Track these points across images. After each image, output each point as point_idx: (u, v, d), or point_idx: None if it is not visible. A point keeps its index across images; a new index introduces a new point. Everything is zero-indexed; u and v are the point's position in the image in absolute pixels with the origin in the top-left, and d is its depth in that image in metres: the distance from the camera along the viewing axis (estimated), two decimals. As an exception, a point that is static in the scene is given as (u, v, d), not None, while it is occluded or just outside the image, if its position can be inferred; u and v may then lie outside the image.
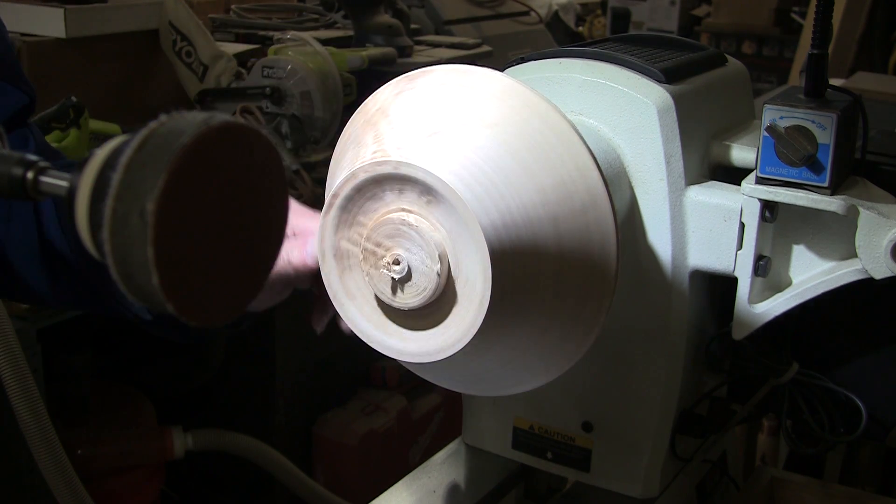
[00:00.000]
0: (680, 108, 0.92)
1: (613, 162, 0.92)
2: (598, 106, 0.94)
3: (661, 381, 0.98)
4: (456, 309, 0.73)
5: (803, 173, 0.85)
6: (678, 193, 0.93)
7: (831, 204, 0.85)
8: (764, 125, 0.85)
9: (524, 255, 0.72)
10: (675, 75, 0.95)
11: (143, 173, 0.55)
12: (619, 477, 1.02)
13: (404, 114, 0.75)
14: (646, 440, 1.00)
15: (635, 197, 0.94)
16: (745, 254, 0.92)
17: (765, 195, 0.88)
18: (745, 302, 0.93)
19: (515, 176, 0.72)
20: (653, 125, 0.92)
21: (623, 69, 0.94)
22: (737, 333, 0.94)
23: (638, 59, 0.96)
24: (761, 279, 0.93)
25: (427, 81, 0.77)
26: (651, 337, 0.98)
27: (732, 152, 0.98)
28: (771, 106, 0.85)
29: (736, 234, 0.92)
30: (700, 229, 0.93)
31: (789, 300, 0.91)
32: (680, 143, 0.92)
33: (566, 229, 0.74)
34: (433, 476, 1.10)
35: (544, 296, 0.73)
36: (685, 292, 0.95)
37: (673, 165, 0.92)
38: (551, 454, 1.05)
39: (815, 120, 0.83)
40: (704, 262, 0.94)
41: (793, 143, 0.84)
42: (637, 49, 1.02)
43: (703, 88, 0.98)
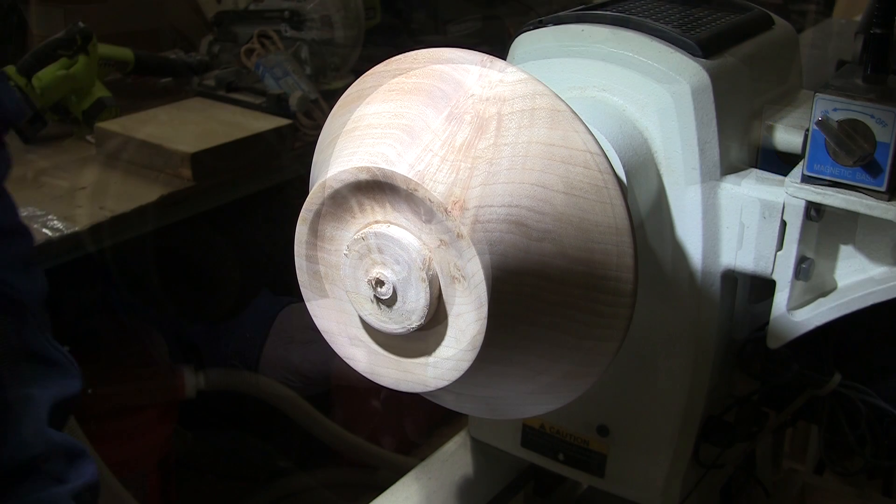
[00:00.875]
0: (718, 88, 0.81)
1: (639, 148, 0.81)
2: (623, 82, 0.82)
3: (686, 387, 0.89)
4: (445, 340, 0.63)
5: (857, 174, 0.74)
6: (712, 184, 0.82)
7: (888, 212, 0.74)
8: (814, 118, 0.74)
9: (525, 279, 0.62)
10: (713, 47, 0.83)
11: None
12: (636, 485, 0.94)
13: (383, 114, 0.64)
14: (667, 448, 0.91)
15: (663, 187, 0.83)
16: (785, 255, 0.81)
17: (811, 196, 0.77)
18: (784, 308, 0.82)
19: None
20: (686, 107, 0.80)
21: (654, 40, 0.83)
22: (772, 342, 0.84)
23: (671, 26, 0.84)
24: (802, 283, 0.82)
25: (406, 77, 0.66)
26: (677, 339, 0.88)
27: (776, 135, 0.86)
28: (824, 95, 0.73)
29: (776, 233, 0.81)
30: (735, 225, 0.83)
31: (833, 310, 0.81)
32: (717, 127, 0.81)
33: (572, 245, 0.63)
34: (441, 471, 1.03)
35: (545, 330, 0.64)
36: (716, 293, 0.85)
37: (708, 153, 0.81)
38: (563, 456, 0.96)
39: (874, 115, 0.72)
40: (739, 261, 0.83)
41: (847, 140, 0.72)
42: (670, 10, 0.90)
43: (745, 61, 0.86)
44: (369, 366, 0.67)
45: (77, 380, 0.88)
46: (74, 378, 0.88)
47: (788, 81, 0.94)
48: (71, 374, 0.88)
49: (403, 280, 0.62)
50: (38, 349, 0.86)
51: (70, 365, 0.88)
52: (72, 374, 0.88)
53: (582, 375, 0.67)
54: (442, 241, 0.60)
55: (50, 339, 0.88)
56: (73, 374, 0.88)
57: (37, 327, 0.87)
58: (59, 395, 0.85)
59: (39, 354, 0.86)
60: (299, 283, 0.68)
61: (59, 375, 0.87)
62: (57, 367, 0.87)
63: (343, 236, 0.64)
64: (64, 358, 0.88)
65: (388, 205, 0.62)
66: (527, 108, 0.63)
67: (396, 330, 0.64)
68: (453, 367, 0.63)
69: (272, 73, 2.06)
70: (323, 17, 2.14)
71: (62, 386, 0.86)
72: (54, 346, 0.88)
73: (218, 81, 2.08)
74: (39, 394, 0.84)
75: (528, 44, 0.87)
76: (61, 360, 0.88)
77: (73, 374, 0.88)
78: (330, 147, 0.65)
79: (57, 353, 0.88)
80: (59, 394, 0.85)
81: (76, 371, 0.89)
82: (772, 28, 0.94)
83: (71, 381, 0.87)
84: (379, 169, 0.60)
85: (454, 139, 0.61)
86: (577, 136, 0.63)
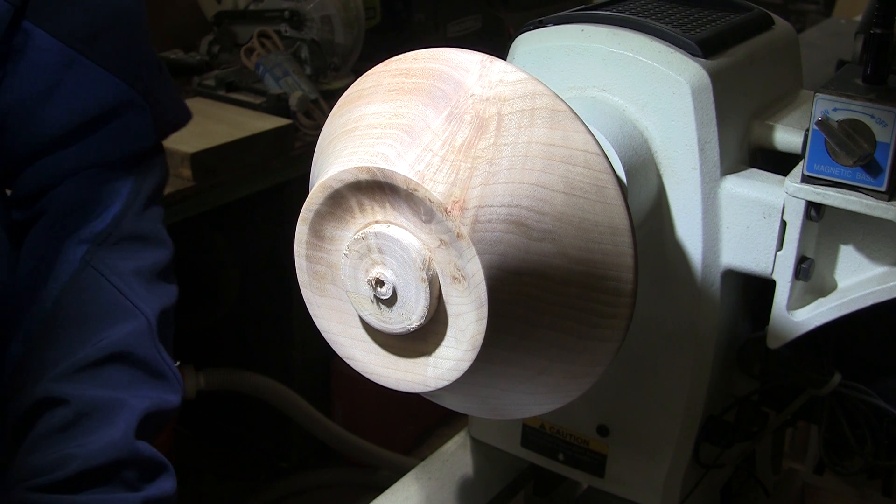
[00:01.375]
0: (718, 87, 0.81)
1: (639, 148, 0.81)
2: (623, 82, 0.82)
3: (686, 386, 0.89)
4: (445, 340, 0.63)
5: (857, 174, 0.74)
6: (712, 184, 0.82)
7: (888, 212, 0.74)
8: (814, 118, 0.74)
9: (524, 278, 0.62)
10: (713, 47, 0.83)
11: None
12: (636, 485, 0.94)
13: (383, 114, 0.64)
14: (667, 448, 0.91)
15: (664, 186, 0.83)
16: (785, 255, 0.81)
17: (811, 196, 0.77)
18: (784, 308, 0.82)
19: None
20: (686, 107, 0.80)
21: (654, 40, 0.83)
22: (772, 342, 0.84)
23: (671, 26, 0.84)
24: (802, 283, 0.82)
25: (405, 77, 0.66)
26: (677, 339, 0.88)
27: (776, 134, 0.86)
28: (824, 95, 0.73)
29: (776, 233, 0.81)
30: (735, 225, 0.83)
31: (833, 310, 0.81)
32: (717, 127, 0.81)
33: (572, 245, 0.63)
34: (441, 471, 1.03)
35: (546, 331, 0.63)
36: (716, 293, 0.85)
37: (707, 153, 0.81)
38: (563, 456, 0.96)
39: (874, 115, 0.72)
40: (739, 261, 0.83)
41: (847, 140, 0.72)
42: (670, 10, 0.90)
43: (745, 61, 0.86)
44: (369, 366, 0.67)
45: (177, 396, 0.87)
46: (175, 394, 0.87)
47: (788, 81, 0.94)
48: (173, 389, 0.87)
49: (403, 280, 0.62)
50: (146, 358, 0.86)
51: (174, 380, 0.87)
52: (173, 390, 0.87)
53: (582, 375, 0.67)
54: (442, 241, 0.60)
55: (162, 352, 0.87)
56: (175, 390, 0.87)
57: (151, 337, 0.86)
58: (154, 406, 0.84)
59: (147, 364, 0.86)
60: (299, 283, 0.68)
61: (159, 388, 0.86)
62: (161, 379, 0.86)
63: (343, 236, 0.64)
64: (170, 372, 0.87)
65: (388, 205, 0.62)
66: (527, 108, 0.63)
67: (396, 330, 0.64)
68: (453, 367, 0.63)
69: (272, 73, 2.06)
70: (323, 17, 2.14)
71: (160, 399, 0.85)
72: (164, 359, 0.87)
73: (218, 81, 2.08)
74: (136, 401, 0.83)
75: (528, 44, 0.87)
76: (167, 373, 0.87)
77: (175, 390, 0.87)
78: (330, 147, 0.65)
79: (165, 366, 0.87)
80: (154, 405, 0.84)
81: (179, 387, 0.88)
82: (772, 28, 0.94)
83: (171, 395, 0.87)
84: (379, 169, 0.60)
85: (454, 139, 0.61)
86: (577, 136, 0.63)
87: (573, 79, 0.84)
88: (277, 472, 2.31)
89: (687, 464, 0.92)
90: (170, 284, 0.93)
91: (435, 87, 0.64)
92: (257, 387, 2.09)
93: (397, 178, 0.60)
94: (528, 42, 0.87)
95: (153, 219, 0.92)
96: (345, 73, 2.21)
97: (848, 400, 0.87)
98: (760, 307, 0.88)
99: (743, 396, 0.92)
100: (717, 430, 0.91)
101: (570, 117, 0.63)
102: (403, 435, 2.39)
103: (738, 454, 0.96)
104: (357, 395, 2.27)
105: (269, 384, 2.09)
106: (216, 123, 1.88)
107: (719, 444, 0.91)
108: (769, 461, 1.09)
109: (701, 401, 0.90)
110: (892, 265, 0.81)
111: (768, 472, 1.07)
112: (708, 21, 0.88)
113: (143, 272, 0.88)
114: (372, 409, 2.29)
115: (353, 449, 2.18)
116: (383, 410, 2.30)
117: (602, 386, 0.90)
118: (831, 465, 0.91)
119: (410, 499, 1.00)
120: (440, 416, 2.42)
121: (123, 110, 0.86)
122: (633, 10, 0.88)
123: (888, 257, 0.81)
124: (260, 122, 1.92)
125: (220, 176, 1.77)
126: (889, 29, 0.74)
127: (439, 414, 2.37)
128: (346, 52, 2.19)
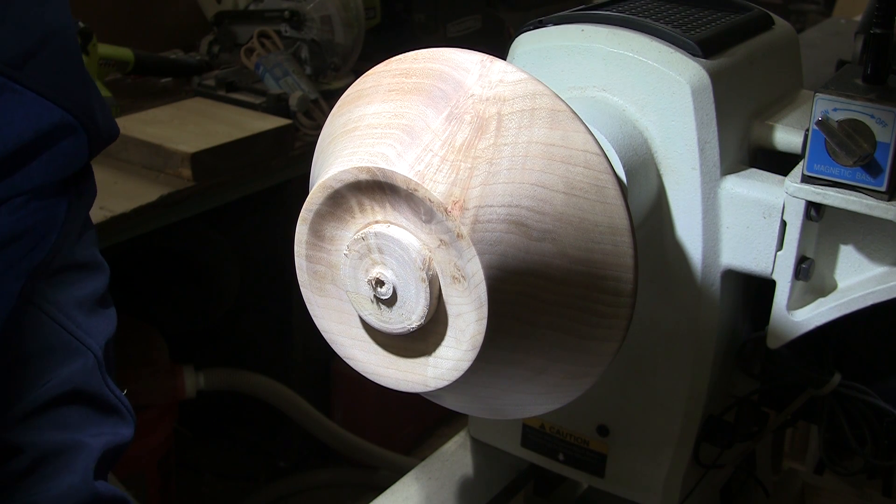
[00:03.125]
0: (718, 87, 0.81)
1: (639, 148, 0.81)
2: (624, 82, 0.82)
3: (686, 386, 0.89)
4: (445, 340, 0.63)
5: (857, 174, 0.74)
6: (712, 184, 0.82)
7: (888, 211, 0.74)
8: (814, 118, 0.74)
9: (524, 278, 0.62)
10: (713, 47, 0.83)
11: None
12: (636, 485, 0.94)
13: (383, 114, 0.64)
14: (667, 448, 0.91)
15: (664, 186, 0.83)
16: (785, 255, 0.81)
17: (811, 196, 0.77)
18: (784, 308, 0.82)
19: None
20: (686, 107, 0.80)
21: (654, 40, 0.83)
22: (772, 342, 0.84)
23: (671, 26, 0.84)
24: (802, 283, 0.82)
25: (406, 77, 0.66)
26: (677, 339, 0.88)
27: (776, 134, 0.86)
28: (824, 95, 0.73)
29: (776, 233, 0.81)
30: (735, 225, 0.83)
31: (833, 310, 0.81)
32: (716, 127, 0.81)
33: (572, 245, 0.63)
34: (441, 471, 1.03)
35: (545, 331, 0.63)
36: (716, 293, 0.85)
37: (707, 153, 0.81)
38: (563, 456, 0.96)
39: (874, 115, 0.72)
40: (739, 261, 0.83)
41: (847, 140, 0.72)
42: (670, 10, 0.90)
43: (745, 61, 0.86)
44: (369, 366, 0.67)
45: (130, 429, 0.85)
46: (128, 427, 0.85)
47: (788, 81, 0.94)
48: (126, 422, 0.85)
49: (403, 280, 0.62)
50: (97, 393, 0.83)
51: (126, 413, 0.85)
52: (126, 423, 0.85)
53: (582, 375, 0.67)
54: (442, 241, 0.60)
55: (111, 385, 0.85)
56: (128, 423, 0.85)
57: (99, 372, 0.84)
58: (110, 443, 0.83)
59: (98, 399, 0.84)
60: (299, 283, 0.68)
61: (113, 424, 0.84)
62: (114, 414, 0.85)
63: (343, 236, 0.64)
64: (121, 405, 0.85)
65: (388, 205, 0.62)
66: (527, 108, 0.63)
67: (396, 330, 0.64)
68: (453, 367, 0.63)
69: (272, 73, 2.06)
70: (323, 17, 2.14)
71: (115, 435, 0.84)
72: (114, 393, 0.85)
73: (218, 81, 2.08)
74: (92, 441, 0.81)
75: (528, 44, 0.87)
76: (119, 406, 0.85)
77: (128, 423, 0.85)
78: (330, 147, 0.65)
79: (116, 399, 0.85)
80: (110, 442, 0.83)
81: (131, 420, 0.86)
82: (772, 28, 0.94)
83: (123, 429, 0.85)
84: (379, 169, 0.60)
85: (454, 139, 0.61)
86: (577, 136, 0.63)
87: (573, 79, 0.84)
88: (277, 472, 2.31)
89: (687, 464, 0.92)
90: (109, 309, 0.89)
91: (435, 87, 0.64)
92: (257, 387, 2.09)
93: (397, 178, 0.60)
94: (528, 42, 0.87)
95: (89, 244, 0.88)
96: (345, 73, 2.21)
97: (848, 400, 0.87)
98: (760, 307, 0.88)
99: (743, 396, 0.92)
100: (717, 430, 0.91)
101: (570, 117, 0.63)
102: (403, 435, 2.39)
103: (738, 454, 0.96)
104: (357, 395, 2.27)
105: (269, 384, 2.09)
106: (216, 123, 1.88)
107: (719, 444, 0.91)
108: (769, 461, 1.09)
109: (701, 401, 0.90)
110: (892, 265, 0.81)
111: (768, 472, 1.07)
112: (708, 21, 0.88)
113: (84, 303, 0.85)
114: (372, 409, 2.29)
115: (353, 449, 2.18)
116: (383, 410, 2.30)
117: (602, 386, 0.90)
118: (831, 465, 0.91)
119: (410, 499, 1.00)
120: (440, 416, 2.42)
121: (59, 135, 0.80)
122: (633, 10, 0.88)
123: (888, 257, 0.81)
124: (260, 122, 1.92)
125: (220, 176, 1.77)
126: (889, 29, 0.74)
127: (439, 414, 2.37)
128: (346, 52, 2.18)
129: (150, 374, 1.95)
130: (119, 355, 2.04)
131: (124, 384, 1.96)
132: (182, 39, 2.34)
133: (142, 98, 2.07)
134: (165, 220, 1.73)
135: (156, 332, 2.04)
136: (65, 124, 0.80)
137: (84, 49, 1.88)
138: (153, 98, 2.07)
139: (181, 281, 2.26)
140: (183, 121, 1.88)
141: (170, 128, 1.83)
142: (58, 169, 0.80)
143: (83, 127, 0.81)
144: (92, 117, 0.82)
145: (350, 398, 2.30)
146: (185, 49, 2.31)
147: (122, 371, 1.96)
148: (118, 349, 2.01)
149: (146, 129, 1.79)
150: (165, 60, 2.19)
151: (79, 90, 0.82)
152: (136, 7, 2.30)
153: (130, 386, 1.92)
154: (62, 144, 0.80)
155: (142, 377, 1.94)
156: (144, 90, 2.13)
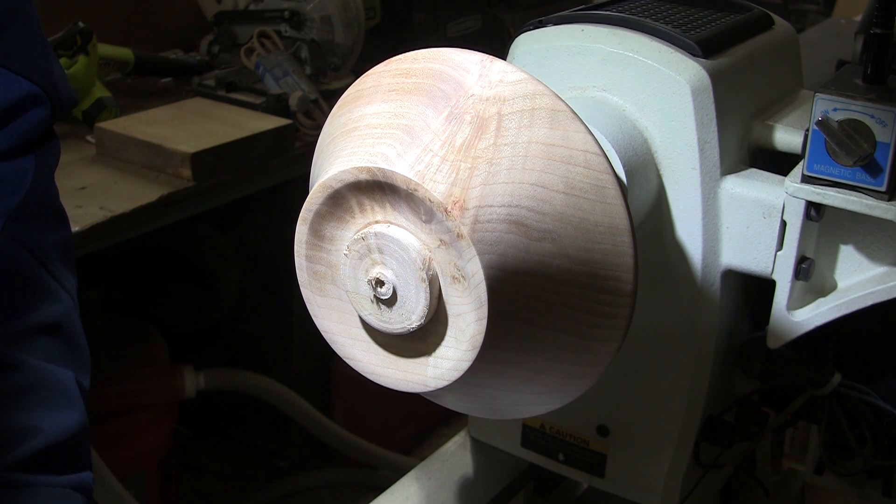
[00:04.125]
0: (718, 87, 0.81)
1: (639, 148, 0.81)
2: (624, 82, 0.82)
3: (686, 386, 0.89)
4: (445, 340, 0.63)
5: (857, 174, 0.74)
6: (712, 184, 0.82)
7: (888, 212, 0.74)
8: (814, 118, 0.74)
9: (524, 278, 0.62)
10: (713, 47, 0.83)
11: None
12: (636, 485, 0.94)
13: (383, 114, 0.64)
14: (667, 448, 0.91)
15: (663, 187, 0.83)
16: (785, 255, 0.81)
17: (811, 196, 0.77)
18: (784, 308, 0.82)
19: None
20: (686, 107, 0.80)
21: (654, 40, 0.83)
22: (772, 342, 0.84)
23: (671, 26, 0.84)
24: (802, 283, 0.82)
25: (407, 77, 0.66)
26: (676, 339, 0.88)
27: (776, 134, 0.86)
28: (824, 95, 0.73)
29: (776, 233, 0.81)
30: (735, 225, 0.83)
31: (833, 310, 0.81)
32: (716, 127, 0.81)
33: (572, 245, 0.63)
34: (441, 471, 1.03)
35: (546, 331, 0.63)
36: (716, 293, 0.85)
37: (707, 153, 0.81)
38: (563, 456, 0.96)
39: (874, 115, 0.72)
40: (739, 261, 0.83)
41: (847, 140, 0.72)
42: (670, 10, 0.90)
43: (745, 61, 0.86)
44: (369, 366, 0.67)
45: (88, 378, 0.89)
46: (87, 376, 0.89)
47: (788, 81, 0.94)
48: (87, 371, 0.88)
49: (403, 280, 0.62)
50: (76, 335, 0.86)
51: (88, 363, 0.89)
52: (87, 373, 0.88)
53: (582, 375, 0.67)
54: (442, 241, 0.60)
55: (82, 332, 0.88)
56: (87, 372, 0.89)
57: (77, 316, 0.86)
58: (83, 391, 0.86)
59: (76, 341, 0.86)
60: (299, 283, 0.68)
61: (83, 369, 0.87)
62: (85, 364, 0.87)
63: (343, 236, 0.64)
64: (89, 357, 0.88)
65: (388, 205, 0.62)
66: (527, 108, 0.63)
67: (396, 330, 0.64)
68: (453, 367, 0.63)
69: (272, 73, 2.06)
70: (323, 17, 2.14)
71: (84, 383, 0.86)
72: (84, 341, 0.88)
73: (218, 81, 2.08)
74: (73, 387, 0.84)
75: (528, 44, 0.87)
76: (88, 357, 0.88)
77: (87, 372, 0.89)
78: (330, 147, 0.65)
79: (86, 347, 0.88)
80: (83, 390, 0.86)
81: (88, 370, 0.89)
82: (772, 28, 0.94)
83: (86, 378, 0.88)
84: (379, 169, 0.60)
85: (454, 139, 0.61)
86: (577, 136, 0.63)
87: (573, 79, 0.84)
88: (277, 472, 2.31)
89: (687, 464, 0.92)
90: (73, 270, 0.92)
91: (435, 87, 0.64)
92: (257, 387, 2.09)
93: (397, 178, 0.60)
94: (528, 42, 0.87)
95: (53, 196, 0.91)
96: (345, 73, 2.21)
97: (848, 400, 0.87)
98: (760, 307, 0.88)
99: (743, 396, 0.92)
100: (717, 430, 0.91)
101: (570, 117, 0.63)
102: (403, 435, 2.39)
103: (738, 454, 0.97)
104: (357, 395, 2.27)
105: (269, 384, 2.09)
106: (216, 123, 1.88)
107: (719, 444, 0.91)
108: (769, 461, 1.09)
109: (701, 401, 0.90)
110: (892, 265, 0.81)
111: (768, 472, 1.07)
112: (708, 21, 0.88)
113: (59, 248, 0.88)
114: (372, 409, 2.29)
115: (353, 449, 2.18)
116: (383, 410, 2.30)
117: (602, 386, 0.89)
118: (831, 465, 0.91)
119: (410, 499, 1.00)
120: (440, 416, 2.42)
121: (26, 105, 0.84)
122: (633, 10, 0.88)
123: (888, 257, 0.81)
124: (260, 122, 1.92)
125: (220, 176, 1.77)
126: (889, 29, 0.74)
127: (439, 414, 2.37)
128: (346, 52, 2.18)
129: (150, 374, 1.95)
130: (119, 355, 2.04)
131: (125, 384, 1.96)
132: (182, 39, 2.34)
133: (142, 98, 2.07)
134: (165, 220, 1.74)
135: (156, 332, 2.04)
136: (31, 95, 0.84)
137: (84, 49, 1.88)
138: (153, 98, 2.07)
139: (181, 281, 2.26)
140: (183, 121, 1.88)
141: (170, 128, 1.83)
142: (24, 135, 0.84)
143: (48, 96, 0.85)
144: (55, 86, 0.86)
145: (350, 398, 2.30)
146: (185, 49, 2.31)
147: (122, 371, 1.96)
148: (118, 349, 2.01)
149: (146, 129, 1.79)
150: (165, 60, 2.19)
151: (42, 61, 0.86)
152: (136, 7, 2.30)
153: (130, 386, 1.92)
154: (29, 114, 0.84)
155: (142, 377, 1.94)
156: (144, 90, 2.14)
